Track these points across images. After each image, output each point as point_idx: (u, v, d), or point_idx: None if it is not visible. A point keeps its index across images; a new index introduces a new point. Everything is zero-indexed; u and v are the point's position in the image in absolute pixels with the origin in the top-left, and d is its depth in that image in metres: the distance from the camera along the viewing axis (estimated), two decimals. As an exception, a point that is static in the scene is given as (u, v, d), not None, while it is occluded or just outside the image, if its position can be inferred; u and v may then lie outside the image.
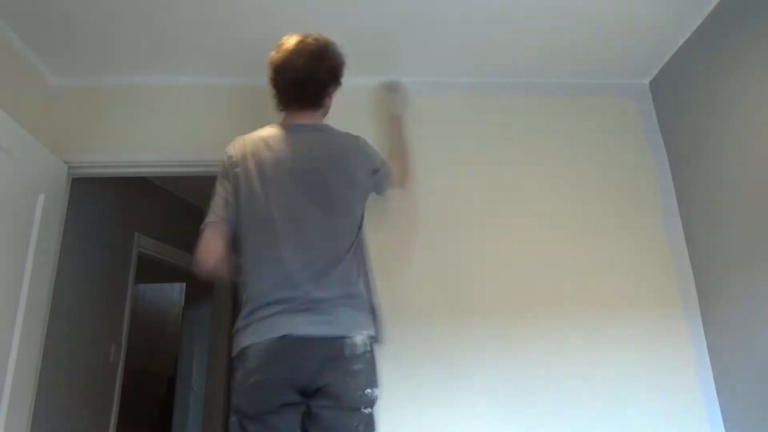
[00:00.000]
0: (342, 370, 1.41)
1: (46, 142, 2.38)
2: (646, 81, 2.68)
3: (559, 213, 2.42)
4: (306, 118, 1.66)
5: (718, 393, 2.18)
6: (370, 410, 1.45)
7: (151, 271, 5.31)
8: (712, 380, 2.21)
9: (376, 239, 1.80)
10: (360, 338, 1.45)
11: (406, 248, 2.33)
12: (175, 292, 4.99)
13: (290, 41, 1.63)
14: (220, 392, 4.32)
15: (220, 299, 4.57)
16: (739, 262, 2.08)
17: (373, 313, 1.55)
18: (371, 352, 1.48)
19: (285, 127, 1.64)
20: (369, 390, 1.44)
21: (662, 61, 2.54)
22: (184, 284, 4.96)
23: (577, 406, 2.15)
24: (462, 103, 2.59)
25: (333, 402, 1.40)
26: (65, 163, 2.36)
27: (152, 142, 2.45)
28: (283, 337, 1.39)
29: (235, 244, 1.55)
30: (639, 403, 2.16)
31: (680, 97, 2.44)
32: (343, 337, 1.43)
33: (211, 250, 1.51)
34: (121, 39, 2.29)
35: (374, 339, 1.52)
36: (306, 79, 1.62)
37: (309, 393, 1.41)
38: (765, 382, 1.95)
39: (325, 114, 1.74)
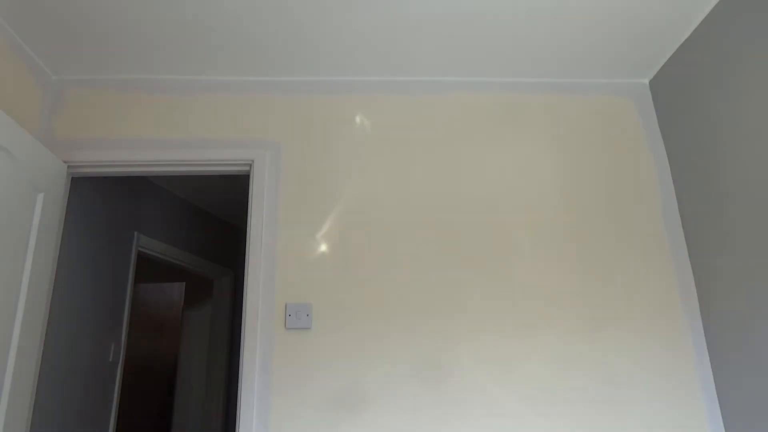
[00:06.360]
0: None
1: (46, 141, 2.39)
2: (646, 81, 2.68)
3: (557, 212, 2.42)
4: None
5: (718, 392, 2.18)
6: None
7: (151, 270, 5.32)
8: (712, 379, 2.21)
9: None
10: None
11: (407, 252, 2.34)
12: (175, 292, 5.00)
13: None
14: (220, 392, 4.33)
15: (220, 299, 4.57)
16: (739, 262, 2.08)
17: None
18: None
19: None
20: None
21: (662, 61, 2.54)
22: (184, 284, 4.96)
23: (576, 405, 2.15)
24: (459, 102, 2.59)
25: None
26: (64, 162, 2.36)
27: (152, 141, 2.45)
28: None
29: None
30: (639, 402, 2.16)
31: (680, 97, 2.44)
32: None
33: None
34: (121, 37, 2.29)
35: None
36: None
37: None
38: (765, 382, 1.95)
39: None
